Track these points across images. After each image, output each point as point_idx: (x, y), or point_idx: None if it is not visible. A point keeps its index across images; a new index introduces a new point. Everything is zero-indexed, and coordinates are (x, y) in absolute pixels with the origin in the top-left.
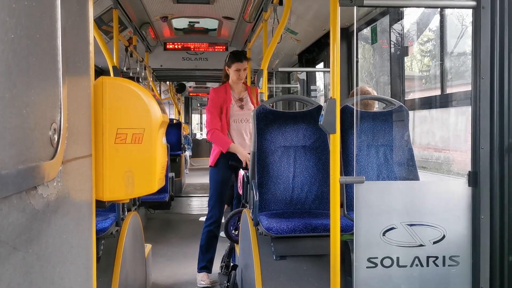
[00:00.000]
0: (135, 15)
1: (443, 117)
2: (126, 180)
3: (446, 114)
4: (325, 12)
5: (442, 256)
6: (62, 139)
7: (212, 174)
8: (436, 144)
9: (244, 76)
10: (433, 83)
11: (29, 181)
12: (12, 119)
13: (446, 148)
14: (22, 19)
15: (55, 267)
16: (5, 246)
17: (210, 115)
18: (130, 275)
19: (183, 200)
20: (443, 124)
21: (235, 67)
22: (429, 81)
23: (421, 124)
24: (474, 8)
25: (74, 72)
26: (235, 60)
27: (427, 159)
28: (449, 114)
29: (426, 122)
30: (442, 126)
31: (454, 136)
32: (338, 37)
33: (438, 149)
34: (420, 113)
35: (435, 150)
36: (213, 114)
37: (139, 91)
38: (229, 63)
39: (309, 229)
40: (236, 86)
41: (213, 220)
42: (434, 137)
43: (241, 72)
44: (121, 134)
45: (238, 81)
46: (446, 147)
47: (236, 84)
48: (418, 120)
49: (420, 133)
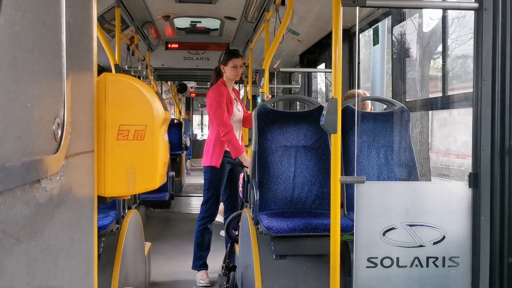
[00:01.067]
0: (137, 14)
1: (467, 120)
2: (127, 176)
3: (470, 117)
4: (327, 12)
5: (442, 257)
6: (65, 133)
7: (216, 175)
8: (458, 149)
9: (240, 73)
10: (454, 84)
11: (33, 174)
12: (17, 112)
13: (469, 154)
14: (28, 13)
15: (57, 261)
16: (9, 237)
17: (223, 112)
18: (130, 272)
19: (183, 200)
20: (466, 127)
21: (232, 63)
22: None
23: (440, 128)
24: (476, 9)
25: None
26: (232, 56)
27: (448, 165)
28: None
29: (446, 125)
30: (465, 129)
31: None
32: (340, 37)
33: (461, 155)
34: (439, 115)
35: (457, 156)
36: (225, 112)
37: (141, 87)
38: (224, 61)
39: (309, 229)
40: (230, 85)
41: (210, 219)
42: (456, 142)
43: (237, 68)
44: (123, 131)
45: (235, 78)
46: (469, 153)
47: (230, 83)
48: (437, 123)
49: (440, 138)
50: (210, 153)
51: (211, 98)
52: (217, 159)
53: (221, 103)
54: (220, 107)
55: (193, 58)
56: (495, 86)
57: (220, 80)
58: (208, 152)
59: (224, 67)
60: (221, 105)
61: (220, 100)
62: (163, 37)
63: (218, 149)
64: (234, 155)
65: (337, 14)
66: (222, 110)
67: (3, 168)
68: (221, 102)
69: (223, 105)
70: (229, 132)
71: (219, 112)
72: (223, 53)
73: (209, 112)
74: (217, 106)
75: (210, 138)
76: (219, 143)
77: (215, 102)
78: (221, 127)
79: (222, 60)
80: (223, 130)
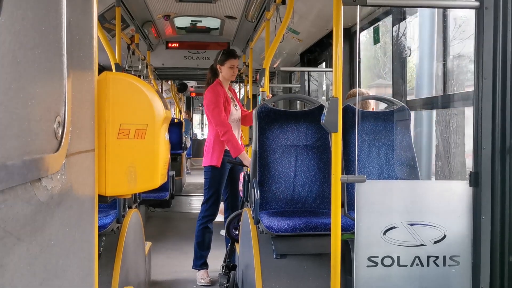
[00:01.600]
0: (138, 13)
1: None
2: (128, 175)
3: None
4: (328, 11)
5: (442, 256)
6: (66, 132)
7: (216, 174)
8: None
9: (236, 73)
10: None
11: (34, 172)
12: (18, 110)
13: None
14: (29, 12)
15: (58, 260)
16: (10, 236)
17: (220, 112)
18: (131, 272)
19: (183, 199)
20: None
21: (229, 64)
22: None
23: (466, 126)
24: (477, 8)
25: (78, 66)
26: (230, 57)
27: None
28: None
29: (469, 124)
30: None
31: None
32: (341, 36)
33: None
34: (464, 112)
35: None
36: (222, 112)
37: (142, 86)
38: (221, 61)
39: (310, 228)
40: (226, 85)
41: (210, 218)
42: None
43: (234, 69)
44: (124, 129)
45: (232, 78)
46: None
47: (226, 82)
48: (468, 121)
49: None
50: (210, 153)
51: (208, 98)
52: (218, 159)
53: (219, 103)
54: (217, 107)
55: (194, 57)
56: (496, 85)
57: (216, 80)
58: (208, 152)
59: (221, 66)
60: (218, 105)
61: (217, 100)
62: (163, 36)
63: (218, 148)
64: (234, 154)
65: (337, 13)
66: (219, 110)
67: (4, 167)
68: (218, 102)
69: (220, 105)
70: (228, 131)
71: (217, 112)
72: (220, 53)
73: (207, 113)
74: (214, 106)
75: (210, 138)
76: (219, 143)
77: (212, 102)
78: (219, 127)
79: (219, 60)
80: (221, 130)
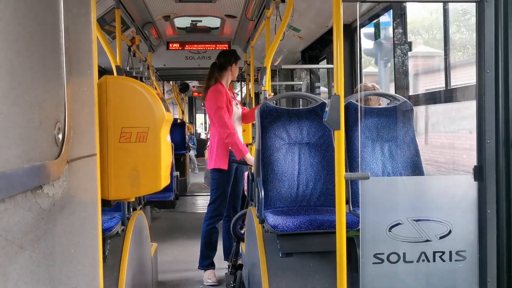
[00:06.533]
0: (138, 14)
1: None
2: (131, 178)
3: None
4: (328, 8)
5: (448, 251)
6: (67, 138)
7: (223, 175)
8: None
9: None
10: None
11: (34, 180)
12: (17, 118)
13: None
14: (26, 19)
15: (62, 266)
16: (12, 245)
17: (224, 113)
18: (137, 274)
19: (188, 199)
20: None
21: (237, 64)
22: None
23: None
24: (478, 1)
25: (77, 72)
26: (238, 58)
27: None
28: None
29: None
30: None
31: None
32: (341, 33)
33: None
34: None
35: None
36: (226, 113)
37: (142, 89)
38: (234, 60)
39: (315, 226)
40: (227, 85)
41: (217, 219)
42: None
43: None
44: (125, 133)
45: (234, 78)
46: None
47: (228, 82)
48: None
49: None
50: (214, 156)
51: (211, 99)
52: (224, 161)
53: (222, 104)
54: (221, 108)
55: (195, 57)
56: (498, 78)
57: (219, 81)
58: (212, 155)
59: (232, 67)
60: (221, 105)
61: (220, 101)
62: (164, 37)
63: (222, 151)
64: (239, 156)
65: (337, 9)
66: (223, 111)
67: (4, 176)
68: (221, 103)
69: (224, 106)
70: (231, 134)
71: (220, 113)
72: (228, 53)
73: (209, 114)
74: (217, 107)
75: (213, 140)
76: (223, 145)
77: (215, 103)
78: (222, 128)
79: (232, 60)
80: (224, 132)
